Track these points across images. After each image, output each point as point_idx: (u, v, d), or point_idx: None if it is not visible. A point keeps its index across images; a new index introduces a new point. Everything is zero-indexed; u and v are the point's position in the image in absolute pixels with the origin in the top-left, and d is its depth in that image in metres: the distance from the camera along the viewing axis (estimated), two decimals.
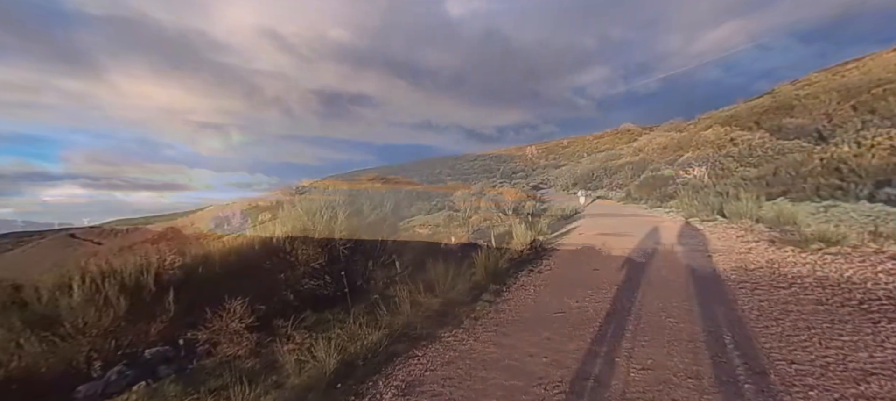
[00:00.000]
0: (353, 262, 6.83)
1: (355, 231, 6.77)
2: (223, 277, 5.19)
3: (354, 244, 6.88)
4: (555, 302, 5.74)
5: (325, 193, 6.76)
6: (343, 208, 6.51)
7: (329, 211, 6.36)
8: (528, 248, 10.80)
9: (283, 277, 5.84)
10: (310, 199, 6.74)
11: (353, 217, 6.75)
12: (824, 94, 25.52)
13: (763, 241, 8.08)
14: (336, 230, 6.33)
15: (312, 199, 6.72)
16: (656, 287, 5.77)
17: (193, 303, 4.66)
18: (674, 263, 7.16)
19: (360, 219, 6.84)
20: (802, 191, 13.61)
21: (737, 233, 9.51)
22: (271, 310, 5.38)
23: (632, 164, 30.37)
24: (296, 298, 5.88)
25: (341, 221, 6.38)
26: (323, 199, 6.63)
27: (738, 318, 4.14)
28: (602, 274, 7.17)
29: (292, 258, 6.03)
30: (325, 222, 6.19)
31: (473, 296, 6.33)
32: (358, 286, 6.76)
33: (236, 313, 4.64)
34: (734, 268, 6.29)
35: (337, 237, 6.32)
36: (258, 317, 4.97)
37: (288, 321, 5.04)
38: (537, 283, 7.16)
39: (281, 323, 5.02)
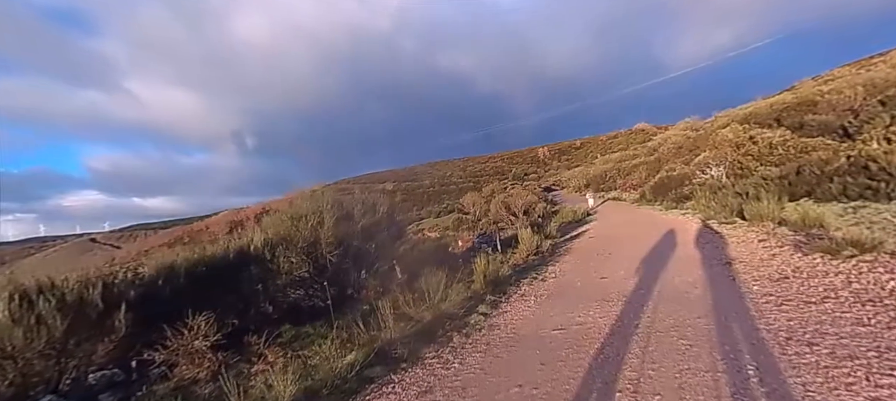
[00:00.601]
0: (343, 270, 6.36)
1: (346, 237, 6.30)
2: (191, 289, 4.73)
3: (345, 251, 6.41)
4: (555, 316, 5.17)
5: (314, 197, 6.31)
6: (332, 212, 6.04)
7: (316, 216, 5.90)
8: (533, 253, 10.22)
9: (261, 288, 5.39)
10: (297, 203, 6.30)
11: (343, 222, 6.28)
12: (849, 89, 24.28)
13: (788, 246, 7.37)
14: (323, 236, 5.86)
15: (300, 203, 6.28)
16: (669, 300, 5.16)
17: (154, 319, 4.22)
18: (689, 272, 6.52)
19: (350, 224, 6.36)
20: (828, 191, 12.72)
21: (758, 237, 8.77)
22: (245, 325, 4.93)
23: (646, 164, 29.42)
24: (275, 311, 5.43)
25: (329, 226, 5.91)
26: (311, 202, 6.19)
27: (764, 341, 3.52)
28: (610, 283, 6.56)
29: (273, 267, 5.58)
30: (310, 228, 5.73)
31: (468, 308, 5.80)
32: (348, 296, 6.29)
33: (200, 330, 4.20)
34: (757, 278, 5.63)
35: (324, 244, 5.85)
36: (228, 333, 4.54)
37: (262, 337, 4.58)
38: (539, 292, 6.59)
39: (254, 339, 4.57)
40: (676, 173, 22.31)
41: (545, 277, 7.67)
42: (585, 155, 57.80)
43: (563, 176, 44.23)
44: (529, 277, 7.86)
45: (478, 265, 7.21)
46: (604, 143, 62.38)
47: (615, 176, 32.46)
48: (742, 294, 4.96)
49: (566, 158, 61.42)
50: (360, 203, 6.71)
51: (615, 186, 30.70)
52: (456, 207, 28.29)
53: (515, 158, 68.17)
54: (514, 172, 55.21)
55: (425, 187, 50.92)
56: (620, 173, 32.12)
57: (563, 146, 69.69)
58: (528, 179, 47.72)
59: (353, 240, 6.39)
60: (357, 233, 6.47)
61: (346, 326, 5.05)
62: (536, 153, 67.95)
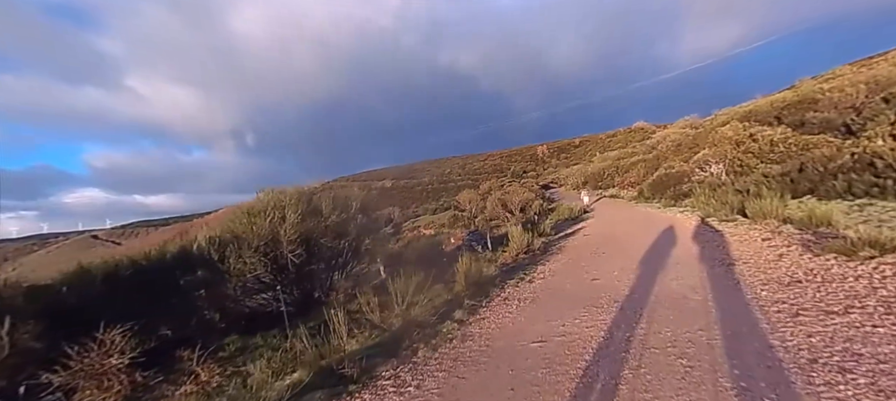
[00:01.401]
0: (309, 271, 5.70)
1: (313, 235, 5.63)
2: (111, 296, 4.07)
3: (311, 250, 5.75)
4: (537, 325, 4.49)
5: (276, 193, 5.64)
6: (295, 208, 5.38)
7: (277, 211, 5.23)
8: (524, 251, 9.55)
9: (206, 294, 4.73)
10: (257, 199, 5.64)
11: (309, 219, 5.61)
12: (851, 87, 23.52)
13: (795, 245, 6.67)
14: (284, 234, 5.19)
15: (259, 198, 5.62)
16: (666, 307, 4.48)
17: (59, 333, 3.56)
18: (688, 274, 5.83)
19: (318, 221, 5.70)
20: (832, 188, 11.99)
21: (761, 235, 8.07)
22: (184, 336, 4.28)
23: (644, 162, 28.68)
24: (224, 319, 4.77)
25: (292, 223, 5.24)
26: (272, 198, 5.52)
27: (782, 365, 2.84)
28: (601, 285, 5.88)
29: (223, 269, 4.92)
30: (269, 225, 5.06)
31: (443, 314, 5.13)
32: (315, 300, 5.63)
33: (114, 345, 3.53)
34: (764, 281, 4.93)
35: (285, 242, 5.18)
36: (154, 348, 3.89)
37: (200, 350, 3.91)
38: (524, 296, 5.92)
39: (187, 354, 3.91)
40: (675, 171, 21.60)
41: (533, 278, 6.99)
42: (585, 153, 56.97)
43: (561, 174, 43.48)
44: (516, 277, 7.19)
45: (460, 266, 6.54)
46: (603, 141, 61.48)
47: (613, 174, 31.74)
48: (749, 301, 4.27)
49: (565, 156, 60.53)
50: (331, 198, 6.05)
51: (613, 183, 29.97)
52: (452, 204, 27.60)
53: (514, 156, 67.23)
54: (513, 169, 54.44)
55: (424, 185, 50.18)
56: (619, 171, 31.39)
57: (562, 144, 68.72)
58: (526, 176, 46.98)
59: (321, 238, 5.73)
60: (326, 230, 5.81)
61: (303, 335, 4.39)
62: (536, 151, 67.02)
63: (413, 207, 34.89)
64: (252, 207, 5.34)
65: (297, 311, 5.31)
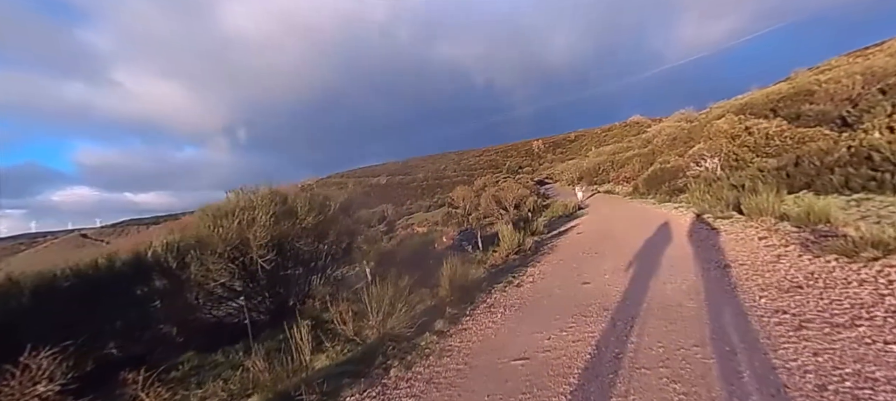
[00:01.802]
0: (283, 277, 5.35)
1: (287, 237, 5.29)
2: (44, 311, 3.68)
3: (286, 255, 5.40)
4: (521, 337, 4.17)
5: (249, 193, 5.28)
6: (266, 209, 5.02)
7: (246, 213, 4.88)
8: (515, 251, 9.23)
9: (162, 305, 4.39)
10: (227, 199, 5.28)
11: (284, 220, 5.26)
12: (847, 79, 23.26)
13: (793, 245, 6.37)
14: (254, 238, 4.84)
15: (228, 199, 5.26)
16: (659, 316, 4.16)
17: None
18: (683, 277, 5.52)
19: (292, 222, 5.35)
20: (829, 183, 11.70)
21: (758, 233, 7.77)
22: (133, 354, 3.93)
23: (640, 156, 28.38)
24: (182, 332, 4.43)
25: (263, 225, 4.89)
26: (241, 198, 5.16)
27: (787, 391, 2.52)
28: (592, 290, 5.56)
29: (182, 277, 4.57)
30: (236, 228, 4.70)
31: (423, 324, 4.80)
32: (290, 308, 5.29)
33: (42, 371, 3.16)
34: (763, 286, 4.62)
35: (255, 247, 4.83)
36: (94, 370, 3.55)
37: (148, 371, 3.56)
38: (511, 302, 5.59)
39: (133, 376, 3.56)
40: (670, 165, 21.32)
41: (521, 282, 6.66)
42: (580, 148, 56.61)
43: (556, 169, 43.16)
44: (504, 280, 6.87)
45: (445, 269, 6.20)
46: (598, 135, 61.13)
47: (609, 169, 31.43)
48: (747, 310, 3.95)
49: (561, 151, 60.16)
50: (306, 198, 5.69)
51: (608, 178, 29.68)
52: (446, 201, 27.26)
53: (510, 152, 66.78)
54: (508, 165, 54.08)
55: (419, 181, 49.78)
56: (614, 166, 31.09)
57: (557, 139, 68.26)
58: (522, 172, 46.64)
59: (297, 241, 5.38)
60: (302, 232, 5.46)
61: (269, 350, 4.05)
62: (531, 146, 66.56)
63: (407, 204, 34.54)
64: (218, 208, 4.98)
65: (270, 320, 4.97)
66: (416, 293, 6.33)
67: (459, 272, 6.29)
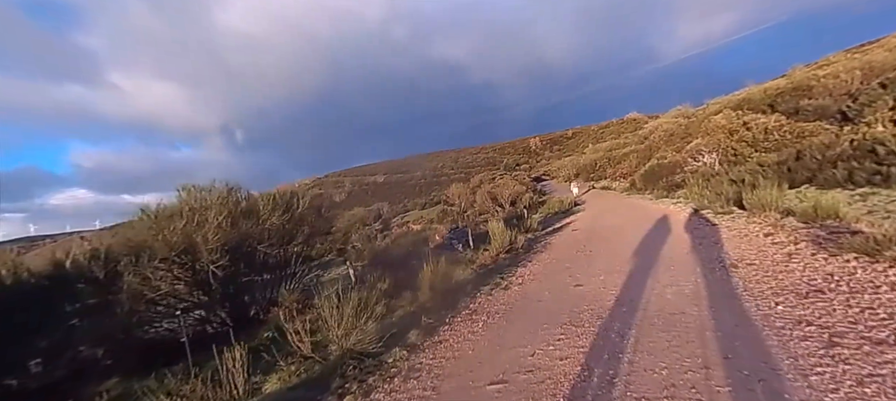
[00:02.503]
0: (243, 285, 4.76)
1: (247, 241, 4.70)
2: None
3: (248, 260, 4.81)
4: (502, 353, 3.57)
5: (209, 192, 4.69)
6: (220, 209, 4.42)
7: (194, 214, 4.27)
8: (506, 250, 8.64)
9: (82, 323, 3.75)
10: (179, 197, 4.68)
11: (243, 221, 4.67)
12: (845, 74, 22.66)
13: (804, 242, 5.78)
14: (203, 242, 4.23)
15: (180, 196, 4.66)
16: (659, 327, 3.57)
17: None
18: (684, 279, 4.93)
19: (253, 224, 4.75)
20: (832, 177, 11.09)
21: (762, 230, 7.18)
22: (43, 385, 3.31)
23: (636, 152, 27.78)
24: (109, 354, 3.81)
25: (214, 227, 4.28)
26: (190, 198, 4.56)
27: None
28: (585, 294, 4.97)
29: (115, 289, 3.97)
30: (181, 232, 4.09)
31: (395, 335, 4.21)
32: (251, 319, 4.70)
33: None
34: (777, 291, 4.03)
35: (205, 252, 4.23)
36: None
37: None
38: (496, 308, 5.00)
39: None
40: (667, 161, 20.72)
41: (510, 284, 6.07)
42: (577, 145, 55.91)
43: (553, 166, 42.51)
44: (492, 282, 6.27)
45: (425, 273, 5.61)
46: (595, 132, 60.41)
47: (605, 165, 30.83)
48: (762, 320, 3.36)
49: (558, 148, 59.43)
50: (271, 196, 5.09)
51: (605, 175, 29.09)
52: (442, 198, 26.64)
53: (507, 149, 65.95)
54: (505, 162, 53.37)
55: (416, 179, 49.12)
56: (611, 162, 30.49)
57: (555, 136, 67.45)
58: (519, 169, 46.00)
59: (259, 244, 4.79)
60: (266, 235, 4.87)
61: (216, 372, 3.45)
62: (528, 144, 65.75)
63: (403, 203, 33.92)
64: (162, 209, 4.38)
65: (228, 333, 4.37)
66: (398, 298, 5.76)
67: (442, 275, 5.70)
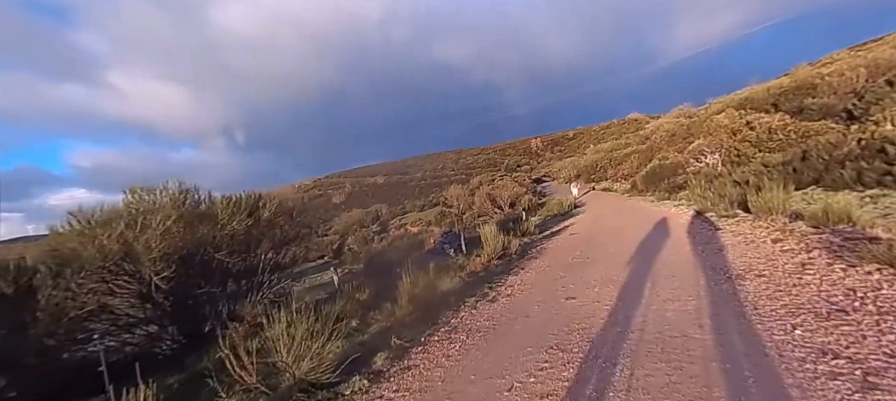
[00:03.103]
0: (199, 298, 4.28)
1: (202, 248, 4.21)
2: None
3: (203, 270, 4.33)
4: (476, 385, 3.07)
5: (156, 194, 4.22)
6: (169, 213, 3.93)
7: (142, 217, 3.79)
8: (498, 256, 8.12)
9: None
10: (125, 198, 4.19)
11: (199, 226, 4.19)
12: (850, 71, 22.02)
13: (817, 249, 5.24)
14: (146, 249, 3.74)
15: (126, 198, 4.17)
16: (658, 355, 3.05)
17: None
18: (687, 292, 4.41)
19: (210, 229, 4.26)
20: (839, 178, 10.51)
21: (770, 235, 6.64)
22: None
23: (638, 153, 27.20)
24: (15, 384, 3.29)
25: (159, 233, 3.79)
26: (135, 200, 4.08)
27: None
28: (576, 310, 4.45)
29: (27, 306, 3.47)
30: (118, 239, 3.60)
31: (358, 361, 3.70)
32: (206, 336, 4.21)
33: None
34: (793, 310, 3.50)
35: (147, 261, 3.74)
36: None
37: None
38: (478, 324, 4.49)
39: None
40: (669, 162, 20.16)
41: (498, 295, 5.56)
42: (578, 145, 55.25)
43: (554, 167, 41.91)
44: (479, 292, 5.76)
45: (404, 284, 5.11)
46: (597, 133, 59.68)
47: (606, 166, 30.27)
48: (779, 349, 2.83)
49: (559, 149, 58.75)
50: (231, 198, 4.60)
51: (606, 176, 28.53)
52: (441, 200, 26.14)
53: (508, 150, 65.22)
54: (506, 163, 52.75)
55: (417, 181, 48.58)
56: (611, 163, 29.92)
57: (556, 137, 66.68)
58: (520, 170, 45.42)
59: (217, 251, 4.31)
60: (226, 241, 4.38)
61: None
62: (529, 145, 65.01)
63: (402, 204, 33.42)
64: (98, 213, 3.88)
65: (178, 352, 3.90)
66: (378, 309, 5.26)
67: (424, 285, 5.19)
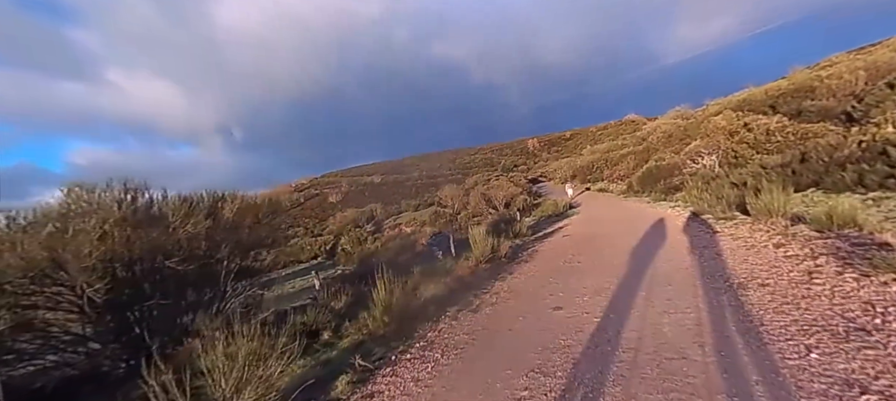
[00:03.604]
0: (141, 311, 3.83)
1: (150, 255, 3.77)
2: None
3: (153, 280, 3.89)
4: None
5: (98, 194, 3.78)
6: (105, 215, 3.48)
7: (71, 221, 3.33)
8: (486, 260, 7.69)
9: None
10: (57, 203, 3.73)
11: (147, 230, 3.75)
12: (849, 74, 21.66)
13: (823, 256, 4.84)
14: (76, 258, 3.29)
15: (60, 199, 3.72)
16: (650, 382, 2.62)
17: None
18: (685, 303, 3.99)
19: (160, 233, 3.82)
20: (840, 180, 10.11)
21: (771, 239, 6.23)
22: None
23: (634, 154, 26.80)
24: None
25: (93, 238, 3.34)
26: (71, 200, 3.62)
27: None
28: (564, 322, 4.03)
29: None
30: (41, 246, 3.13)
31: (315, 385, 3.26)
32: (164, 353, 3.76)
33: None
34: (804, 327, 3.08)
35: (75, 272, 3.29)
36: None
37: None
38: (456, 339, 4.06)
39: None
40: (666, 163, 19.77)
41: (481, 304, 5.13)
42: (575, 146, 54.80)
43: (550, 167, 41.48)
44: (462, 301, 5.33)
45: (379, 293, 4.66)
46: (594, 134, 59.20)
47: (602, 167, 29.84)
48: (794, 377, 2.40)
49: (556, 150, 58.29)
50: (185, 198, 4.13)
51: (602, 176, 28.11)
52: (435, 200, 25.69)
53: (505, 150, 64.63)
54: (503, 163, 52.29)
55: (414, 180, 48.06)
56: (607, 164, 29.50)
57: (553, 138, 66.17)
58: (516, 170, 44.96)
59: (168, 259, 3.86)
60: (177, 247, 3.94)
61: None
62: (526, 145, 64.54)
63: (398, 204, 32.91)
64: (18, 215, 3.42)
65: (124, 375, 3.46)
66: (354, 319, 4.83)
67: (402, 293, 4.75)
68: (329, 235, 22.78)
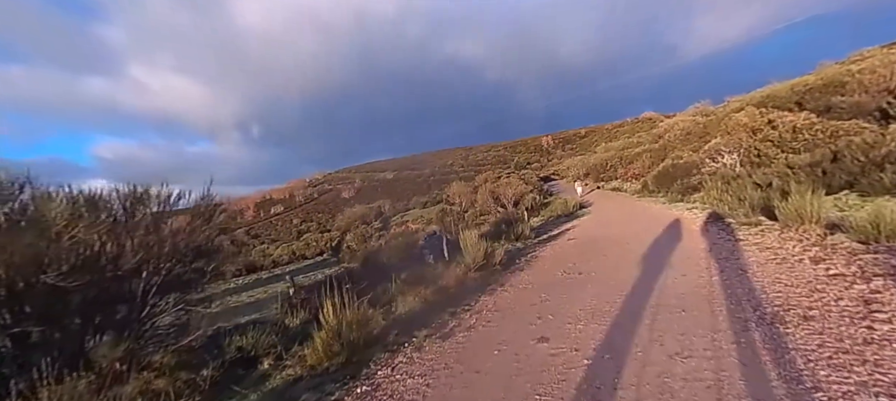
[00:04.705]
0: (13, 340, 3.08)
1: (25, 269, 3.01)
2: None
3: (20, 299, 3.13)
4: None
5: None
6: None
7: None
8: (478, 268, 6.79)
9: None
10: None
11: (17, 236, 2.99)
12: (884, 68, 19.87)
13: (880, 277, 3.80)
14: None
15: None
16: None
17: None
18: (705, 344, 3.03)
19: (41, 240, 3.04)
20: (878, 182, 8.85)
21: (806, 250, 5.16)
22: None
23: (650, 152, 25.35)
24: None
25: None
26: None
27: None
28: (546, 363, 3.11)
29: None
30: None
31: None
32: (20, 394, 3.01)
33: None
34: (880, 393, 2.12)
35: None
36: None
37: None
38: (405, 387, 3.18)
39: None
40: (683, 161, 18.43)
41: (455, 327, 4.24)
42: (590, 144, 53.01)
43: (563, 165, 40.07)
44: (434, 323, 4.45)
45: (326, 313, 3.80)
46: (609, 131, 57.20)
47: (617, 165, 28.42)
48: None
49: (571, 147, 56.55)
50: (72, 200, 3.35)
51: (616, 175, 26.74)
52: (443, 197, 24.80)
53: (519, 147, 62.99)
54: (516, 161, 50.91)
55: (426, 176, 47.11)
56: (622, 162, 28.08)
57: (567, 135, 64.18)
58: (529, 167, 43.65)
59: (45, 273, 3.09)
60: (62, 257, 3.16)
61: None
62: (540, 142, 62.81)
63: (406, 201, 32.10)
64: None
65: None
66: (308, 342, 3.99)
67: (355, 316, 3.89)
68: (336, 232, 22.15)
